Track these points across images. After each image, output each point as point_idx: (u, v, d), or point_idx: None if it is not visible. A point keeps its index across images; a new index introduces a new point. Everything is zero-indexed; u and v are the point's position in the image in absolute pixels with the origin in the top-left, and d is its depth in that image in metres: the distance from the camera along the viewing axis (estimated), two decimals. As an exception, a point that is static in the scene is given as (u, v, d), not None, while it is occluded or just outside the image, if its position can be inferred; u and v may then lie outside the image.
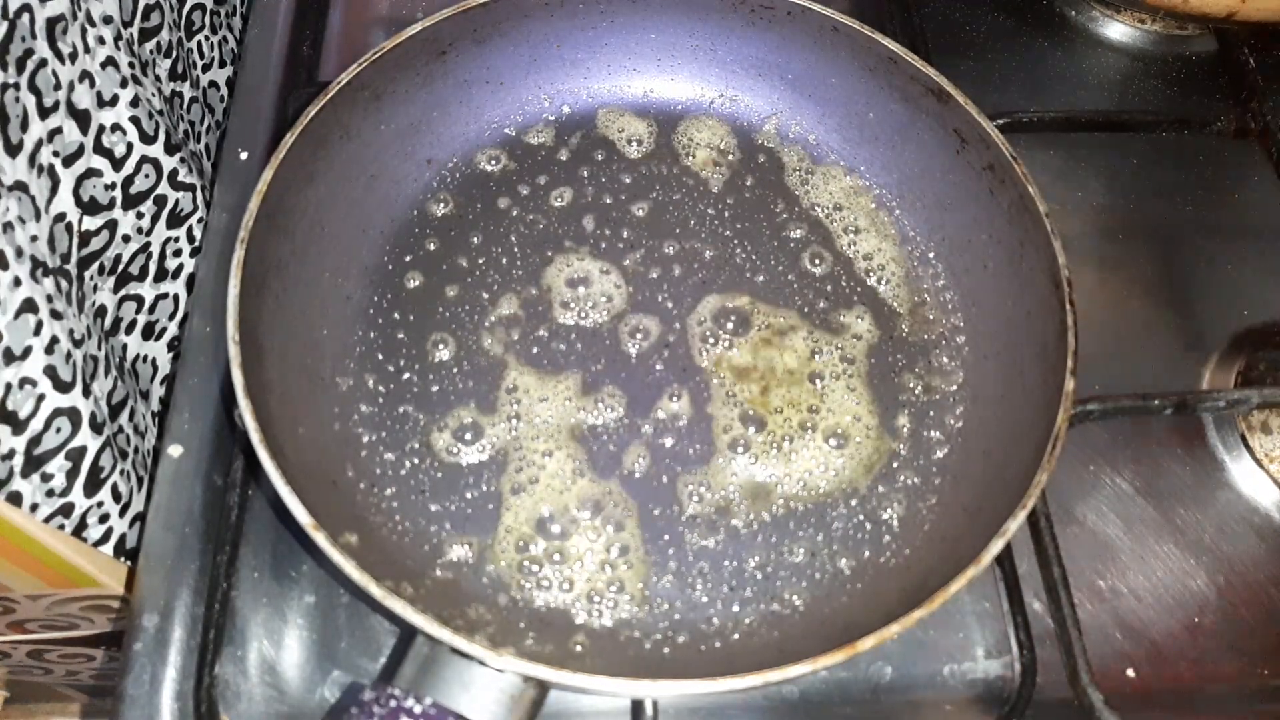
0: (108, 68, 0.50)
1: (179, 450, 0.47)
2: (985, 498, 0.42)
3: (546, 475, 0.45)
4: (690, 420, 0.46)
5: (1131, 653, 0.45)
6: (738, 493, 0.45)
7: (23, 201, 0.44)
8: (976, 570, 0.37)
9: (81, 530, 0.49)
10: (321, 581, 0.45)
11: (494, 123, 0.55)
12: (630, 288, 0.50)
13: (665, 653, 0.41)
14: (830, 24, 0.51)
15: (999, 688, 0.43)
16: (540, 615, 0.41)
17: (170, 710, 0.41)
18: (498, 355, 0.48)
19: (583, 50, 0.55)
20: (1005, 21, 0.65)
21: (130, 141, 0.52)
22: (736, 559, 0.43)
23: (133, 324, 0.56)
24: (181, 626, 0.43)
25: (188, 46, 0.63)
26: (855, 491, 0.45)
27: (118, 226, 0.53)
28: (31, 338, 0.43)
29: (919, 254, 0.51)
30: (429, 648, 0.36)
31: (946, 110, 0.49)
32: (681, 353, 0.48)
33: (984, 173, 0.48)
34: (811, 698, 0.43)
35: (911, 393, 0.48)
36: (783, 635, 0.41)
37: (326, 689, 0.42)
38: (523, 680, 0.35)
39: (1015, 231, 0.46)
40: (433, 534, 0.43)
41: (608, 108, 0.56)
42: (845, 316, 0.49)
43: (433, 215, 0.52)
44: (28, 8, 0.44)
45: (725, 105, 0.56)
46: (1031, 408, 0.42)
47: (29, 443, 0.44)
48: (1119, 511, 0.48)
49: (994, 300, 0.48)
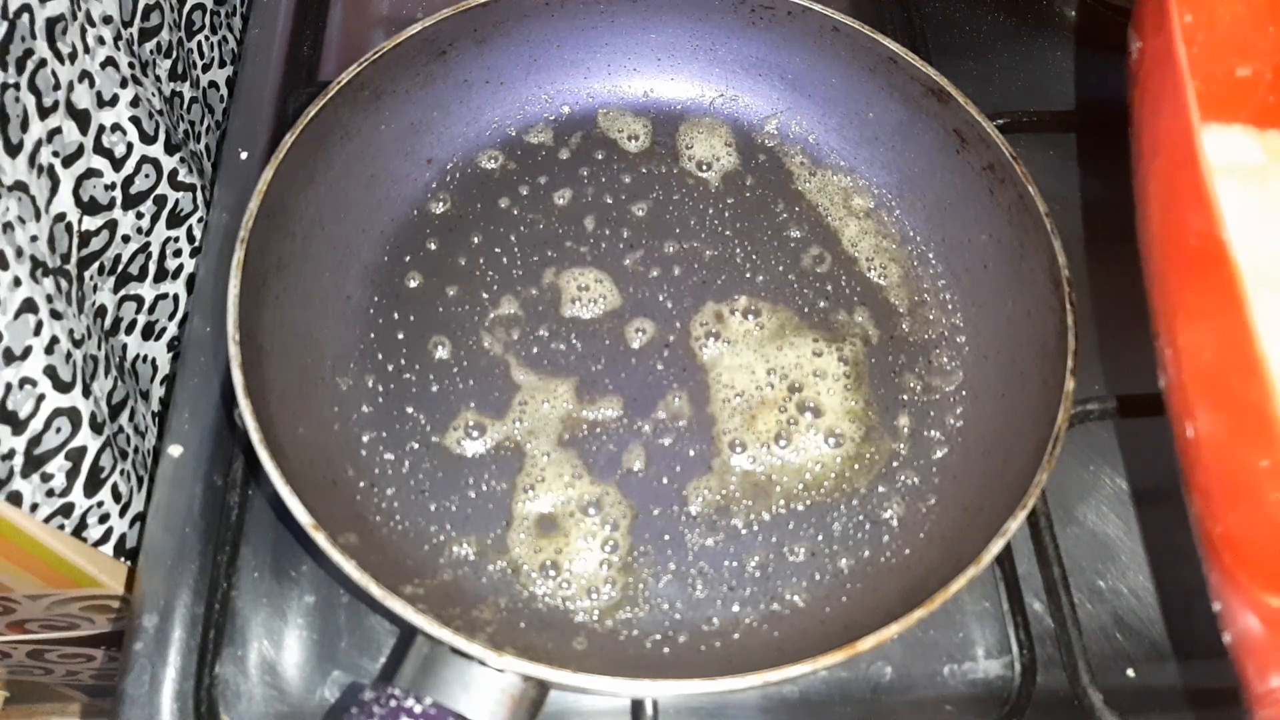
0: (108, 68, 0.50)
1: (179, 450, 0.47)
2: (985, 498, 0.42)
3: (546, 475, 0.45)
4: (690, 420, 0.46)
5: (1131, 653, 0.45)
6: (738, 492, 0.45)
7: (23, 201, 0.44)
8: (976, 570, 0.37)
9: (81, 530, 0.49)
10: (321, 581, 0.45)
11: (494, 123, 0.55)
12: (630, 287, 0.50)
13: (665, 653, 0.41)
14: (830, 24, 0.51)
15: (999, 688, 0.43)
16: (540, 615, 0.41)
17: (170, 710, 0.41)
18: (498, 355, 0.48)
19: (583, 50, 0.55)
20: (1005, 21, 0.65)
21: (130, 141, 0.52)
22: (736, 559, 0.43)
23: (133, 324, 0.56)
24: (181, 626, 0.43)
25: (188, 46, 0.63)
26: (855, 491, 0.45)
27: (118, 226, 0.53)
28: (31, 338, 0.43)
29: (919, 254, 0.51)
30: (429, 648, 0.36)
31: (946, 110, 0.49)
32: (681, 352, 0.48)
33: (984, 173, 0.48)
34: (811, 698, 0.43)
35: (911, 393, 0.48)
36: (783, 635, 0.41)
37: (326, 689, 0.42)
38: (523, 680, 0.35)
39: (1015, 231, 0.46)
40: (433, 534, 0.43)
41: (608, 108, 0.56)
42: (845, 316, 0.50)
43: (433, 215, 0.52)
44: (28, 8, 0.44)
45: (725, 105, 0.56)
46: (1031, 408, 0.42)
47: (29, 443, 0.44)
48: (1119, 511, 0.48)
49: (994, 300, 0.48)
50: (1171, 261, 0.33)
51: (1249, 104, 0.40)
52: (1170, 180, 0.34)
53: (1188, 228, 0.32)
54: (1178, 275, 0.33)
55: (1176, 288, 0.33)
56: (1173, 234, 0.34)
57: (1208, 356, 0.31)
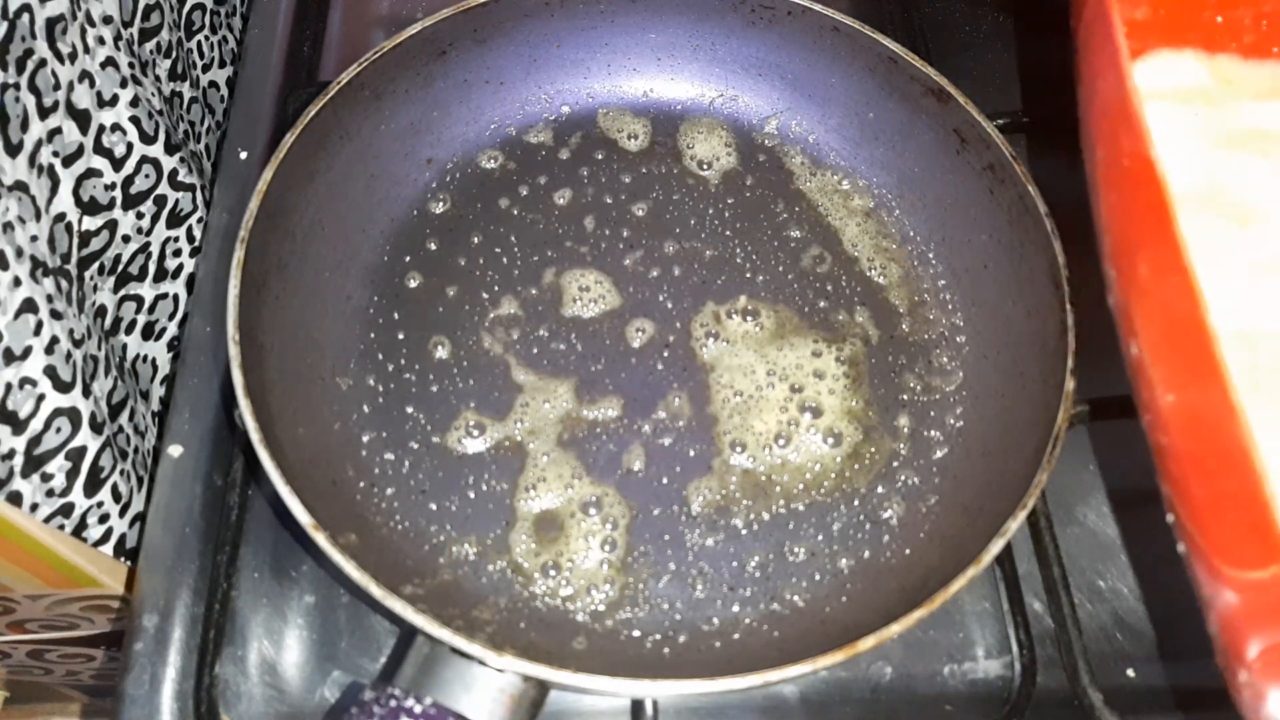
0: (108, 68, 0.50)
1: (179, 450, 0.47)
2: (985, 498, 0.42)
3: (546, 475, 0.45)
4: (690, 420, 0.46)
5: (1131, 653, 0.45)
6: (738, 492, 0.45)
7: (23, 201, 0.44)
8: (976, 570, 0.37)
9: (81, 530, 0.49)
10: (321, 581, 0.45)
11: (494, 123, 0.55)
12: (630, 287, 0.50)
13: (665, 653, 0.41)
14: (830, 24, 0.51)
15: (999, 688, 0.43)
16: (540, 615, 0.41)
17: (170, 710, 0.41)
18: (498, 355, 0.48)
19: (583, 50, 0.55)
20: (1005, 21, 0.65)
21: (130, 141, 0.52)
22: (736, 559, 0.43)
23: (133, 324, 0.56)
24: (181, 626, 0.43)
25: (188, 46, 0.63)
26: (855, 491, 0.45)
27: (118, 226, 0.53)
28: (31, 338, 0.43)
29: (919, 254, 0.51)
30: (429, 648, 0.36)
31: (946, 110, 0.49)
32: (681, 352, 0.48)
33: (984, 173, 0.48)
34: (811, 698, 0.43)
35: (911, 393, 0.48)
36: (783, 635, 0.41)
37: (326, 689, 0.42)
38: (523, 680, 0.35)
39: (1015, 231, 0.46)
40: (433, 534, 0.43)
41: (608, 107, 0.56)
42: (845, 316, 0.50)
43: (433, 215, 0.52)
44: (28, 8, 0.44)
45: (725, 105, 0.56)
46: (1031, 408, 0.42)
47: (29, 443, 0.44)
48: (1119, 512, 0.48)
49: (994, 300, 0.48)
50: (1109, 183, 0.34)
51: (1197, 28, 0.40)
52: (1105, 104, 0.35)
53: (1121, 149, 0.33)
54: (1117, 200, 0.34)
55: (1116, 212, 0.34)
56: (1108, 155, 0.34)
57: (1144, 275, 0.32)
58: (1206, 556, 0.29)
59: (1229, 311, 0.33)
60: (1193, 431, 0.30)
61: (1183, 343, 0.30)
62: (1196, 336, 0.29)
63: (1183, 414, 0.30)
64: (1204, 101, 0.39)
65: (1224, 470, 0.29)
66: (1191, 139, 0.38)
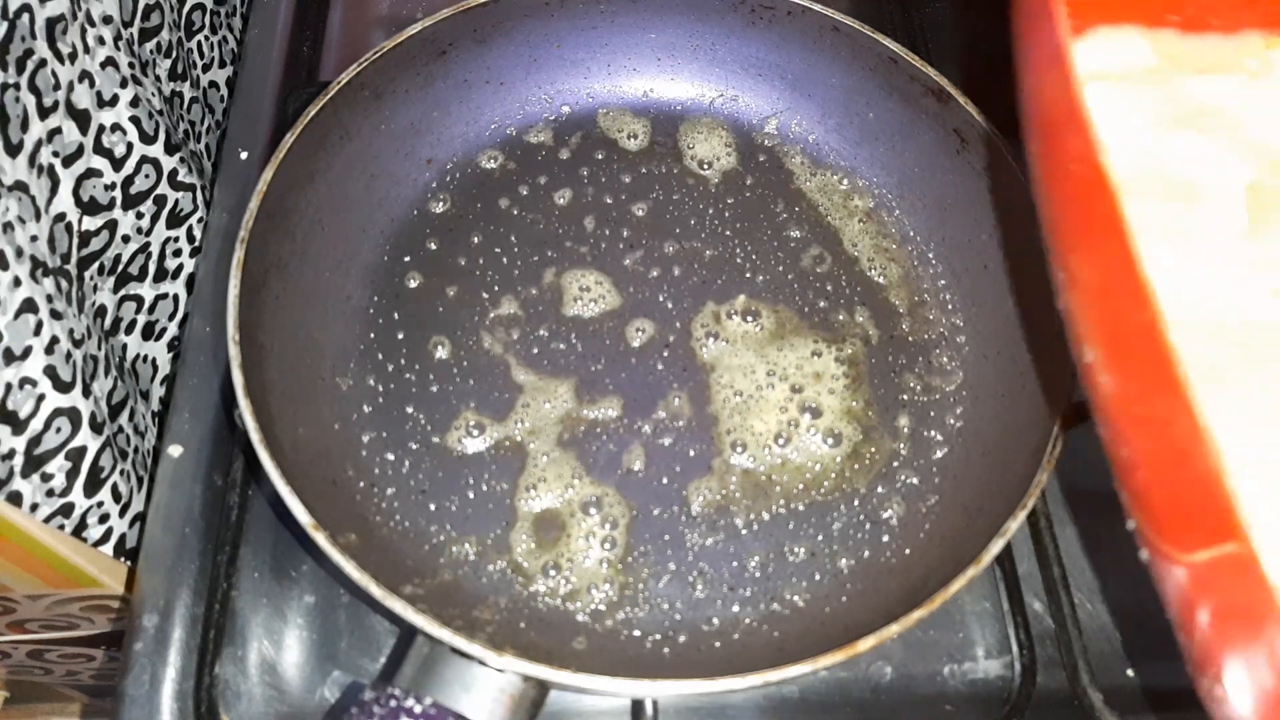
0: (107, 68, 0.50)
1: (179, 450, 0.47)
2: (985, 498, 0.42)
3: (546, 475, 0.45)
4: (690, 420, 0.46)
5: (1131, 653, 0.45)
6: (738, 492, 0.45)
7: (23, 201, 0.44)
8: (976, 570, 0.37)
9: (81, 530, 0.49)
10: (321, 581, 0.45)
11: (494, 123, 0.55)
12: (630, 287, 0.50)
13: (665, 653, 0.41)
14: (830, 24, 0.51)
15: (999, 688, 0.43)
16: (540, 615, 0.41)
17: (170, 710, 0.41)
18: (498, 355, 0.48)
19: (583, 50, 0.55)
20: (1005, 21, 0.65)
21: (130, 141, 0.52)
22: (736, 559, 0.43)
23: (133, 324, 0.56)
24: (181, 626, 0.43)
25: (188, 46, 0.63)
26: (855, 491, 0.45)
27: (118, 226, 0.53)
28: (31, 338, 0.43)
29: (919, 254, 0.51)
30: (429, 648, 0.36)
31: (946, 110, 0.49)
32: (681, 352, 0.48)
33: (984, 173, 0.48)
34: (811, 698, 0.43)
35: (912, 393, 0.48)
36: (783, 635, 0.41)
37: (326, 689, 0.42)
38: (523, 680, 0.35)
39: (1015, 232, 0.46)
40: (433, 534, 0.43)
41: (608, 107, 0.56)
42: (845, 316, 0.50)
43: (433, 215, 0.52)
44: (28, 8, 0.44)
45: (725, 105, 0.56)
46: (1031, 408, 0.42)
47: (29, 443, 0.44)
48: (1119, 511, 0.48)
49: (994, 300, 0.48)
50: (1054, 181, 0.32)
51: (1137, 3, 0.39)
52: (1045, 92, 0.33)
53: (1065, 148, 0.31)
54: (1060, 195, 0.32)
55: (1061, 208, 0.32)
56: (1052, 151, 0.32)
57: (1091, 273, 0.30)
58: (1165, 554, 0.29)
59: (1183, 302, 0.31)
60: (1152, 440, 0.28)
61: (1137, 346, 0.28)
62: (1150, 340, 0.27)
63: (1140, 422, 0.28)
64: (1146, 80, 0.38)
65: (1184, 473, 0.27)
66: (1135, 119, 0.36)
